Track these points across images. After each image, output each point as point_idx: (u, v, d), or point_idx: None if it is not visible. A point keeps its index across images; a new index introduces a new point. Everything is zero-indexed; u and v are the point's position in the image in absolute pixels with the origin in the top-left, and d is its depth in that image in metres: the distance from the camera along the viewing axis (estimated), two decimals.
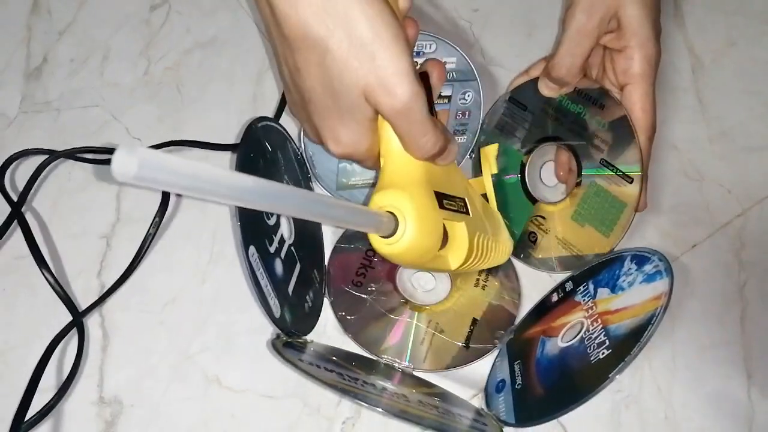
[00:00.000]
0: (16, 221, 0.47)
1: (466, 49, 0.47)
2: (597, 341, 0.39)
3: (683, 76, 0.54)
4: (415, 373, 0.44)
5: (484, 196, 0.47)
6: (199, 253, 0.48)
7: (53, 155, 0.49)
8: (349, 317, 0.46)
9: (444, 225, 0.36)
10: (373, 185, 0.50)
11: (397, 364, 0.44)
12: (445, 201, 0.35)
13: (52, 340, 0.43)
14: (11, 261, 0.47)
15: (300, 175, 0.47)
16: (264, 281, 0.40)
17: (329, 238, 0.49)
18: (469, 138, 0.51)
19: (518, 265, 0.48)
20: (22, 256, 0.47)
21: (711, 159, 0.51)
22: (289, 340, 0.41)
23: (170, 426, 0.43)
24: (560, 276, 0.47)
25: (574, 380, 0.39)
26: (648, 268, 0.40)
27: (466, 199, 0.38)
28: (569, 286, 0.45)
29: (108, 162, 0.50)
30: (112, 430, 0.43)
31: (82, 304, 0.46)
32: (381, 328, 0.45)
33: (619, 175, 0.44)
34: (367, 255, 0.48)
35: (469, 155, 0.51)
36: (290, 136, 0.47)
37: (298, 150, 0.48)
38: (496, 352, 0.45)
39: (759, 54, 0.53)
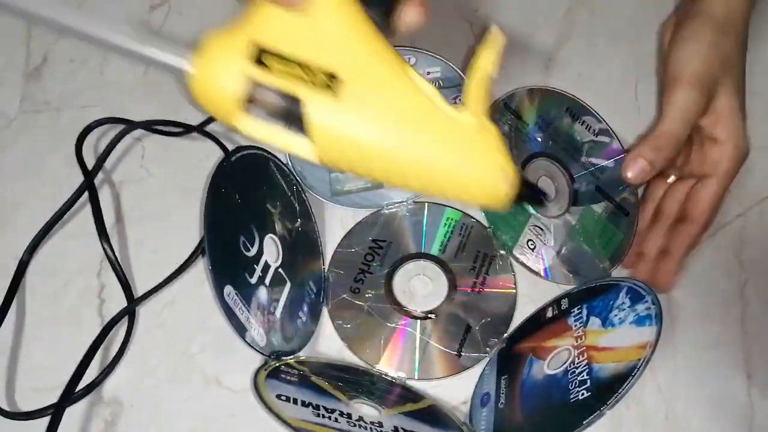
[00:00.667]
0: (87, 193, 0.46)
1: (464, 51, 0.46)
2: (579, 378, 0.39)
3: None
4: (408, 383, 0.44)
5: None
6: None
7: (130, 125, 0.48)
8: (346, 326, 0.46)
9: (302, 106, 0.28)
10: (369, 188, 0.50)
11: (390, 375, 0.44)
12: (267, 57, 0.28)
13: (107, 324, 0.44)
14: None
15: (286, 187, 0.47)
16: (245, 315, 0.40)
17: (330, 241, 0.49)
18: None
19: (515, 270, 0.48)
20: None
21: None
22: (275, 367, 0.41)
23: (170, 426, 0.43)
24: (557, 287, 0.47)
25: (553, 417, 0.39)
26: (640, 308, 0.39)
27: (341, 76, 0.28)
28: (565, 303, 0.44)
29: (181, 134, 0.50)
30: (112, 430, 0.43)
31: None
32: (377, 335, 0.45)
33: (614, 206, 0.43)
34: (366, 260, 0.48)
35: None
36: (272, 154, 0.46)
37: (284, 164, 0.47)
38: (486, 360, 0.45)
39: (758, 54, 0.53)
